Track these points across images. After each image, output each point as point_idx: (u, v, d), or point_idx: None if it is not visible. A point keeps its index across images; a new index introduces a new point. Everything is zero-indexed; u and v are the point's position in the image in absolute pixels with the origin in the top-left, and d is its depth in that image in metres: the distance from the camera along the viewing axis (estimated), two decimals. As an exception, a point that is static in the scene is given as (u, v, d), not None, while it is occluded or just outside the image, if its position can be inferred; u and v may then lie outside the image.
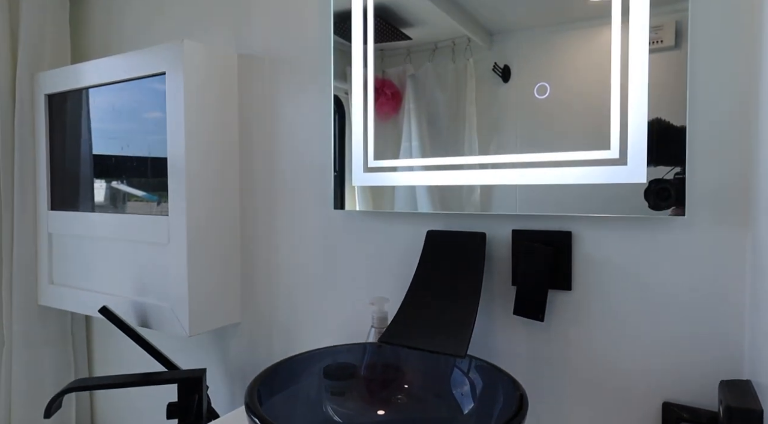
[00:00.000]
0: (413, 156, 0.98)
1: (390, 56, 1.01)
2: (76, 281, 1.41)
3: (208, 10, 1.32)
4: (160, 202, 1.21)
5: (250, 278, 1.26)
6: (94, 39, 1.60)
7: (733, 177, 0.75)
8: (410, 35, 0.98)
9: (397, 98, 1.00)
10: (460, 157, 0.93)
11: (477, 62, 0.91)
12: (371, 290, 1.08)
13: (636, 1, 0.78)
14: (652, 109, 0.78)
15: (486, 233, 0.93)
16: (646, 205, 0.78)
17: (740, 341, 0.75)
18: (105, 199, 1.34)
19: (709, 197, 0.76)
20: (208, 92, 1.18)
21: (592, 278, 0.86)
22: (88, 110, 1.37)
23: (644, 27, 0.78)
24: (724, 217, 0.76)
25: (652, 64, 0.77)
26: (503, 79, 0.89)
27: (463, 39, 0.93)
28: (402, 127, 1.00)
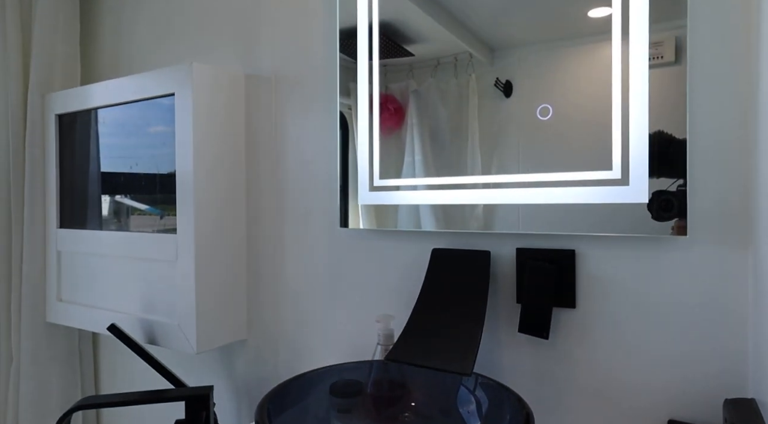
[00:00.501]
0: (416, 171, 1.00)
1: (393, 72, 1.02)
2: (84, 298, 1.42)
3: (215, 32, 1.35)
4: (163, 216, 1.23)
5: (257, 294, 1.27)
6: (103, 60, 1.63)
7: (734, 196, 0.76)
8: (413, 51, 1.00)
9: (400, 113, 1.02)
10: (465, 177, 0.95)
11: (479, 78, 0.93)
12: (377, 308, 1.09)
13: (636, 17, 0.80)
14: (653, 125, 0.79)
15: (490, 252, 0.94)
16: (649, 225, 0.79)
17: (744, 360, 0.76)
18: (109, 213, 1.36)
19: (711, 217, 0.77)
20: (215, 112, 1.20)
21: (596, 296, 0.86)
22: (97, 129, 1.39)
23: (644, 44, 0.80)
24: (725, 236, 0.77)
25: (653, 79, 0.79)
26: (505, 94, 0.91)
27: (465, 55, 0.94)
28: (405, 142, 1.01)
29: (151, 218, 1.27)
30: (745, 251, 0.75)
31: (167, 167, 1.22)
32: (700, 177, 0.78)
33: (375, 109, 1.04)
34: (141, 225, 1.28)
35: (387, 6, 1.02)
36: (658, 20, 0.78)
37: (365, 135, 1.05)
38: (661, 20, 0.78)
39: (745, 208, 0.75)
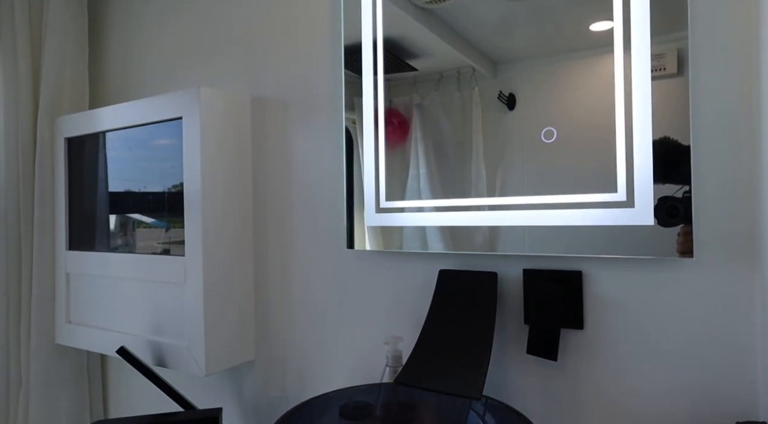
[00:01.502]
0: (421, 185, 1.00)
1: (397, 86, 1.04)
2: (93, 320, 1.42)
3: (222, 55, 1.37)
4: (169, 229, 1.24)
5: (264, 315, 1.28)
6: (111, 83, 1.65)
7: (739, 217, 0.76)
8: (416, 66, 1.01)
9: (405, 127, 1.03)
10: (471, 199, 0.95)
11: (482, 91, 0.94)
12: (385, 329, 1.09)
13: (637, 30, 0.81)
14: (657, 135, 0.79)
15: (497, 273, 0.94)
16: (655, 246, 0.79)
17: (754, 381, 0.75)
18: (115, 226, 1.37)
19: (716, 239, 0.77)
20: (222, 135, 1.21)
21: (603, 317, 0.86)
22: (105, 151, 1.41)
23: (646, 60, 0.80)
24: (732, 257, 0.77)
25: (656, 91, 0.79)
26: (509, 106, 0.91)
27: (468, 68, 0.95)
28: (410, 155, 1.02)
29: (156, 231, 1.27)
30: (752, 273, 0.75)
31: (174, 184, 1.23)
32: (705, 197, 0.78)
33: (380, 130, 1.05)
34: (147, 238, 1.29)
35: (390, 23, 1.04)
36: (659, 32, 0.79)
37: (371, 157, 1.06)
38: (662, 32, 0.79)
39: (751, 229, 0.75)
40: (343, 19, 1.11)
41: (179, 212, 1.20)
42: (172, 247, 1.23)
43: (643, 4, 0.80)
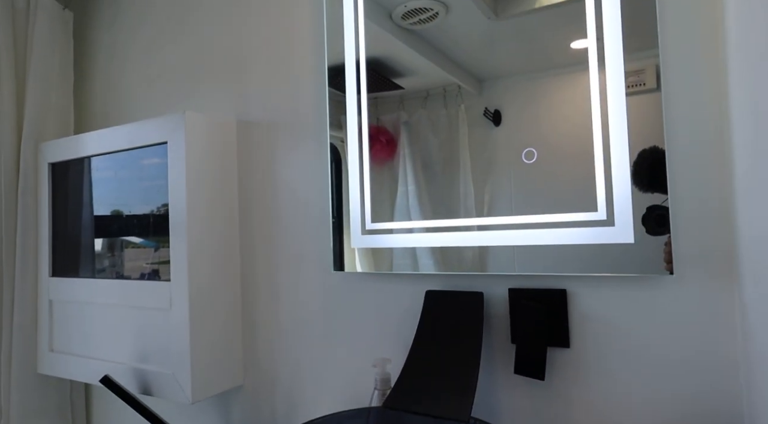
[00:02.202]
0: (410, 201, 1.01)
1: (384, 104, 1.05)
2: (77, 348, 1.40)
3: (207, 80, 1.37)
4: (158, 248, 1.22)
5: (252, 340, 1.26)
6: (96, 108, 1.65)
7: (717, 233, 0.78)
8: (402, 84, 1.03)
9: (392, 144, 1.03)
10: (457, 220, 0.96)
11: (468, 108, 0.95)
12: (373, 351, 1.08)
13: (610, 48, 0.83)
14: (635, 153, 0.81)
15: (483, 293, 0.94)
16: (636, 264, 0.80)
17: (738, 395, 0.76)
18: (102, 247, 1.35)
19: (696, 255, 0.79)
20: (208, 160, 1.21)
21: (588, 335, 0.87)
22: (90, 175, 1.39)
23: (620, 77, 0.82)
24: (711, 274, 0.78)
25: (637, 106, 0.81)
26: (494, 123, 0.93)
27: (454, 86, 0.97)
28: (398, 172, 1.03)
29: (145, 251, 1.26)
30: (732, 288, 0.77)
31: (163, 202, 1.21)
32: (682, 213, 0.80)
33: (365, 152, 1.06)
34: (135, 258, 1.27)
35: (375, 43, 1.06)
36: (636, 49, 0.81)
37: (356, 178, 1.07)
38: (639, 49, 0.81)
39: (728, 245, 0.77)
40: (326, 40, 1.12)
41: (168, 231, 1.19)
42: (161, 267, 1.21)
43: (615, 23, 0.83)
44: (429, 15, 0.99)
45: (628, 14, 0.81)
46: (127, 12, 1.58)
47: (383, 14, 1.04)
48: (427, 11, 0.99)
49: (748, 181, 0.69)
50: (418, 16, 1.00)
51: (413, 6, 1.01)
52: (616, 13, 0.82)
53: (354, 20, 1.08)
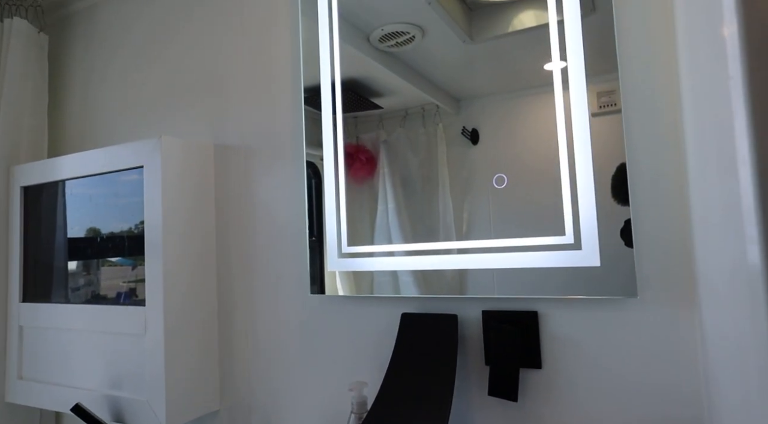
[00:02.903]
0: (389, 218, 1.02)
1: (363, 123, 1.06)
2: (47, 375, 1.36)
3: (184, 103, 1.38)
4: (135, 267, 1.20)
5: (229, 363, 1.24)
6: (71, 131, 1.63)
7: (677, 256, 0.80)
8: (381, 104, 1.04)
9: (372, 163, 1.04)
10: (433, 243, 0.97)
11: (446, 127, 0.97)
12: (350, 374, 1.08)
13: (574, 72, 0.85)
14: (604, 175, 0.83)
15: (458, 315, 0.95)
16: (601, 287, 0.82)
17: (701, 413, 0.78)
18: (77, 267, 1.32)
19: (658, 278, 0.81)
20: (184, 184, 1.20)
21: (559, 356, 0.88)
22: (64, 198, 1.37)
23: (583, 101, 0.85)
24: (673, 297, 0.80)
25: (608, 126, 0.83)
26: (472, 141, 0.94)
27: (432, 106, 0.99)
28: (378, 191, 1.03)
29: (122, 270, 1.24)
30: (693, 309, 0.79)
31: (141, 220, 1.20)
32: (644, 236, 0.82)
33: (341, 176, 1.07)
34: (112, 276, 1.25)
35: (352, 65, 1.08)
36: (602, 72, 0.84)
37: (332, 202, 1.08)
38: (605, 72, 0.84)
39: (689, 267, 0.79)
40: (302, 62, 1.14)
41: (143, 250, 1.17)
42: (139, 285, 1.19)
43: (577, 47, 0.86)
44: (406, 38, 1.01)
45: (593, 38, 0.84)
46: (104, 35, 1.57)
47: (361, 37, 1.06)
48: (404, 35, 1.01)
49: (698, 204, 0.71)
50: (395, 39, 1.02)
51: (390, 30, 1.02)
52: (578, 37, 0.85)
53: (329, 42, 1.09)
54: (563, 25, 0.86)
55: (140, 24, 1.49)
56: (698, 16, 0.68)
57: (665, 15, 0.82)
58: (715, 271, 0.67)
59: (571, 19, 0.86)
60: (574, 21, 0.85)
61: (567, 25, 0.86)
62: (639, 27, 0.83)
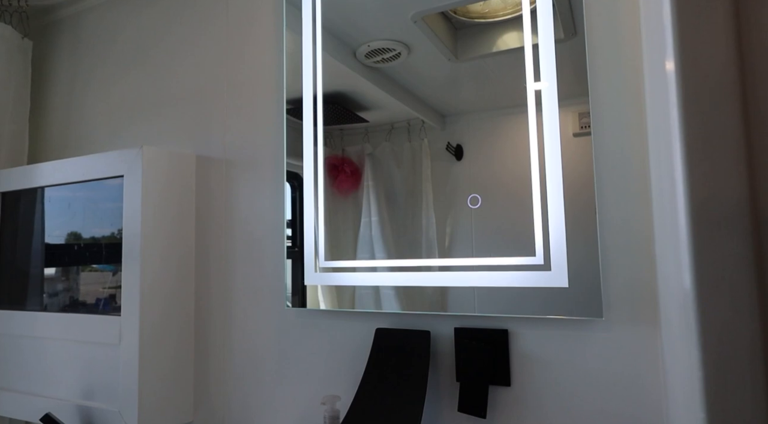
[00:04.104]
0: (373, 231, 1.02)
1: (349, 135, 1.07)
2: (17, 384, 1.33)
3: (167, 112, 1.38)
4: (116, 272, 1.19)
5: (204, 375, 1.23)
6: (52, 137, 1.62)
7: (642, 279, 0.81)
8: (367, 118, 1.06)
9: (357, 175, 1.05)
10: (411, 260, 0.98)
11: (431, 142, 0.98)
12: (325, 387, 1.08)
13: (547, 94, 0.87)
14: (574, 196, 0.85)
15: (430, 332, 0.96)
16: (569, 308, 0.83)
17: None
18: (56, 272, 1.30)
19: (622, 301, 0.82)
20: (165, 194, 1.20)
21: (528, 374, 0.89)
22: (42, 205, 1.36)
23: (555, 123, 0.86)
24: (636, 318, 0.81)
25: (582, 148, 0.85)
26: (456, 157, 0.95)
27: (417, 120, 1.00)
28: (362, 203, 1.04)
29: (102, 275, 1.22)
30: (655, 332, 0.80)
31: (120, 226, 1.19)
32: (610, 259, 0.83)
33: (320, 192, 1.08)
34: (92, 282, 1.24)
35: (338, 79, 1.09)
36: (582, 94, 0.86)
37: (311, 217, 1.09)
38: (584, 94, 0.86)
39: (652, 290, 0.80)
40: (285, 75, 1.15)
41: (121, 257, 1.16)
42: (119, 291, 1.18)
43: (551, 70, 0.88)
44: (392, 55, 1.03)
45: (575, 60, 0.86)
46: (89, 43, 1.57)
47: (348, 52, 1.07)
48: (390, 51, 1.03)
49: (659, 229, 0.73)
50: (381, 55, 1.04)
51: (376, 46, 1.04)
52: (551, 60, 0.87)
53: (312, 55, 1.11)
54: (538, 47, 0.89)
55: (125, 33, 1.49)
56: (654, 48, 0.70)
57: (634, 41, 0.84)
58: (669, 295, 0.69)
59: (545, 42, 0.88)
60: (548, 44, 0.88)
61: (541, 48, 0.88)
62: (610, 52, 0.86)
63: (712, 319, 0.57)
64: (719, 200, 0.58)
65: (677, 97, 0.57)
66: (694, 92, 0.57)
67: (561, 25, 0.88)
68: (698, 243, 0.57)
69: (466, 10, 0.97)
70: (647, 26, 0.78)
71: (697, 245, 0.57)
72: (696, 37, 0.59)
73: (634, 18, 0.84)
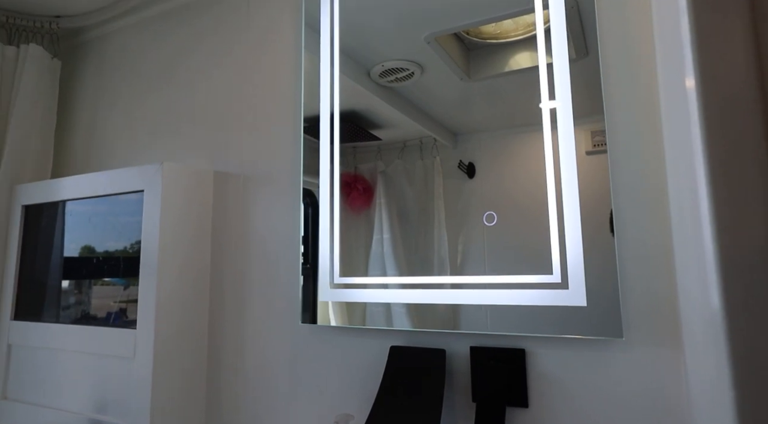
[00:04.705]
0: (384, 248, 1.03)
1: (362, 153, 1.08)
2: (31, 396, 1.34)
3: (187, 130, 1.41)
4: (127, 287, 1.21)
5: (216, 390, 1.23)
6: (75, 153, 1.67)
7: (663, 297, 0.80)
8: (380, 136, 1.07)
9: (369, 193, 1.06)
10: (423, 277, 0.98)
11: (443, 160, 0.99)
12: (338, 405, 1.07)
13: (562, 113, 0.88)
14: (591, 213, 0.84)
15: (446, 350, 0.95)
16: (588, 327, 0.82)
17: None
18: (70, 285, 1.32)
19: (643, 319, 0.81)
20: (183, 209, 1.22)
21: (546, 395, 0.87)
22: (63, 218, 1.39)
23: (570, 142, 0.87)
24: (658, 338, 0.80)
25: (601, 164, 0.85)
26: (468, 175, 0.96)
27: (430, 139, 1.01)
28: (374, 220, 1.05)
29: (114, 289, 1.24)
30: (677, 352, 0.78)
31: (134, 240, 1.21)
32: (629, 277, 0.83)
33: (336, 209, 1.09)
34: (104, 296, 1.25)
35: (352, 98, 1.11)
36: (596, 112, 0.86)
37: (326, 233, 1.09)
38: (599, 112, 0.86)
39: (673, 309, 0.79)
40: (303, 93, 1.17)
41: (138, 270, 1.18)
42: (129, 306, 1.19)
43: (565, 89, 0.89)
44: (405, 74, 1.04)
45: (589, 79, 0.87)
46: (114, 63, 1.62)
47: (362, 72, 1.09)
48: (403, 71, 1.04)
49: (679, 248, 0.72)
50: (395, 75, 1.05)
51: (390, 66, 1.06)
52: (566, 79, 0.89)
53: (330, 75, 1.13)
54: (552, 67, 0.89)
55: (149, 54, 1.54)
56: (671, 65, 0.70)
57: (648, 58, 0.85)
58: (693, 314, 0.68)
59: (559, 62, 0.89)
60: (562, 63, 0.89)
61: (556, 68, 0.89)
62: (623, 70, 0.87)
63: (743, 338, 0.56)
64: (746, 218, 0.57)
65: (698, 113, 0.57)
66: (715, 108, 0.57)
67: (573, 45, 0.88)
68: (726, 263, 0.56)
69: (478, 31, 0.98)
70: (662, 44, 0.78)
71: (725, 264, 0.55)
72: (715, 53, 0.59)
73: (648, 36, 0.85)
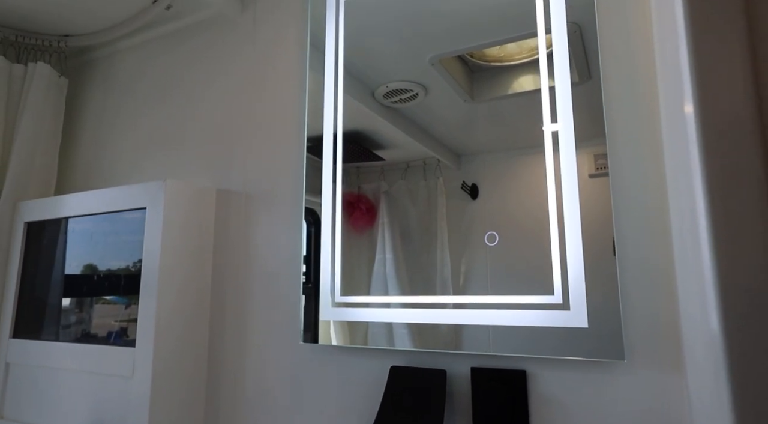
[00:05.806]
0: (387, 268, 1.02)
1: (366, 173, 1.08)
2: (29, 415, 1.33)
3: (191, 149, 1.42)
4: (129, 306, 1.20)
5: (216, 409, 1.22)
6: (79, 170, 1.67)
7: (664, 320, 0.80)
8: (383, 156, 1.07)
9: (372, 213, 1.06)
10: (421, 297, 0.98)
11: (446, 181, 0.99)
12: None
13: (564, 136, 0.89)
14: (593, 237, 0.84)
15: (447, 371, 0.94)
16: (590, 349, 0.82)
17: None
18: (70, 303, 1.32)
19: (644, 344, 0.81)
20: (185, 227, 1.22)
21: (546, 417, 0.86)
22: (66, 234, 1.39)
23: (572, 164, 0.87)
24: (660, 361, 0.79)
25: (604, 187, 0.85)
26: (471, 196, 0.96)
27: (433, 159, 1.01)
28: (377, 240, 1.04)
29: (115, 307, 1.23)
30: (680, 375, 0.78)
31: (136, 259, 1.20)
32: (631, 299, 0.82)
33: (338, 228, 1.09)
34: (105, 315, 1.24)
35: (356, 118, 1.12)
36: (599, 135, 0.87)
37: (327, 252, 1.09)
38: (594, 136, 0.87)
39: (675, 332, 0.79)
40: (306, 113, 1.18)
41: (139, 289, 1.17)
42: (130, 324, 1.18)
43: (567, 112, 0.89)
44: (409, 95, 1.05)
45: (591, 103, 0.87)
46: (119, 81, 1.64)
47: (366, 92, 1.10)
48: (407, 92, 1.05)
49: (681, 271, 0.72)
50: (399, 96, 1.06)
51: (394, 87, 1.07)
52: (567, 102, 0.89)
53: (334, 95, 1.14)
54: (555, 91, 0.90)
55: (153, 72, 1.56)
56: (671, 90, 0.71)
57: (650, 83, 0.86)
58: (694, 336, 0.68)
59: (561, 86, 0.90)
60: (564, 87, 0.90)
61: (558, 91, 0.90)
62: (625, 94, 0.88)
63: (742, 361, 0.55)
64: (744, 242, 0.57)
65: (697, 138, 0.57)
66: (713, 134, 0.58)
67: (576, 69, 0.89)
68: (725, 286, 0.56)
69: (482, 54, 0.99)
70: (663, 68, 0.79)
71: (725, 287, 0.55)
72: (713, 78, 0.60)
73: (649, 60, 0.86)
